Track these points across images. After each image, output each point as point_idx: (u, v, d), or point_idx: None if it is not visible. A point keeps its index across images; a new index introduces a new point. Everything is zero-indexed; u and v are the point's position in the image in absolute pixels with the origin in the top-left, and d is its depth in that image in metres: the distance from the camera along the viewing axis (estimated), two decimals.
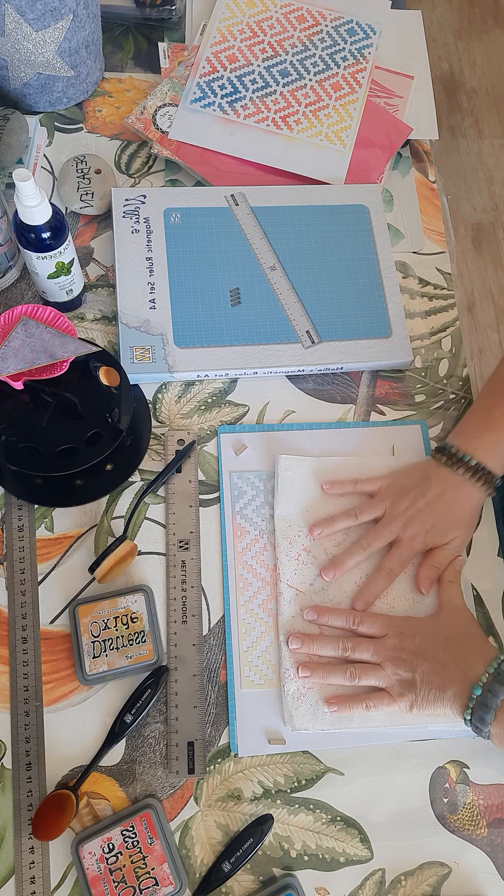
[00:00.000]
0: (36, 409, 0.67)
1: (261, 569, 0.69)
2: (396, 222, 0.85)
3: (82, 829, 0.61)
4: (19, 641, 0.66)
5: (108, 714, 0.64)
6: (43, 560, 0.69)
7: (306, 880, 0.61)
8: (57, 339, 0.66)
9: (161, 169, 0.86)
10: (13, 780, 0.62)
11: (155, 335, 0.75)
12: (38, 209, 0.64)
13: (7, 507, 0.70)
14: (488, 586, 0.71)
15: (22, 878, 0.59)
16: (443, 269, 0.84)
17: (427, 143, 0.90)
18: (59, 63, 0.81)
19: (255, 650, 0.67)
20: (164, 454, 0.73)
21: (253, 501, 0.72)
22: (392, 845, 0.62)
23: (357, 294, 0.79)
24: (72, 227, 0.82)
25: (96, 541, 0.70)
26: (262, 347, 0.76)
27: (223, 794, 0.63)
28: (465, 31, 2.14)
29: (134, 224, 0.80)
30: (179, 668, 0.65)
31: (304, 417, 0.76)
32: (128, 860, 0.59)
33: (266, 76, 0.88)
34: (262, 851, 0.62)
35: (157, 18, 0.91)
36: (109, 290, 0.79)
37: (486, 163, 1.98)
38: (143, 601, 0.66)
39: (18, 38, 0.76)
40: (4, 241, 0.72)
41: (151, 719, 0.64)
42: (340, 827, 0.63)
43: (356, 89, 0.89)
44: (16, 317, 0.66)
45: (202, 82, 0.87)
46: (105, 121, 0.87)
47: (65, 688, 0.65)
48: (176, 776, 0.63)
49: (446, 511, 0.68)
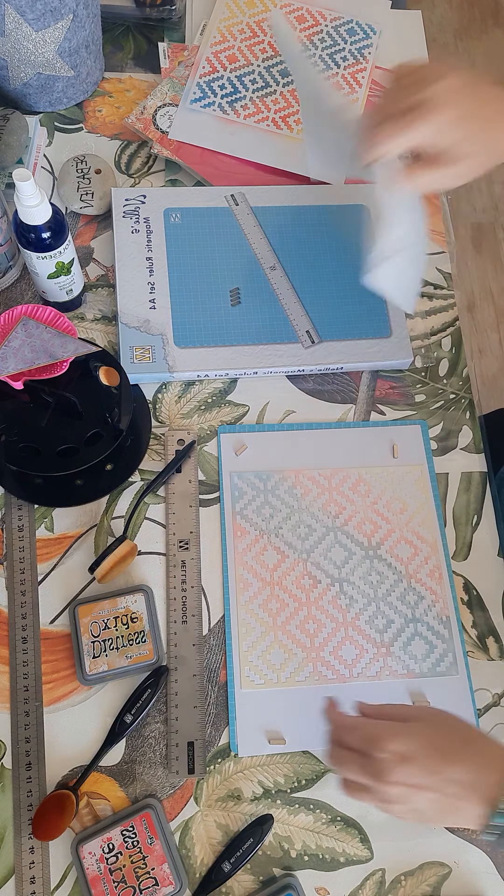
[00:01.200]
0: (36, 409, 0.67)
1: (261, 569, 0.69)
2: None
3: (82, 829, 0.61)
4: (19, 641, 0.66)
5: (108, 714, 0.64)
6: (43, 560, 0.69)
7: (306, 880, 0.61)
8: (57, 339, 0.66)
9: (161, 169, 0.86)
10: (13, 780, 0.62)
11: (155, 335, 0.75)
12: (38, 209, 0.64)
13: (7, 507, 0.70)
14: (488, 586, 0.71)
15: (22, 878, 0.59)
16: (443, 269, 0.84)
17: None
18: (59, 63, 0.81)
19: (255, 650, 0.67)
20: (164, 454, 0.73)
21: (253, 501, 0.72)
22: (392, 845, 0.62)
23: (357, 294, 0.79)
24: (72, 227, 0.82)
25: (96, 541, 0.70)
26: (262, 347, 0.76)
27: (223, 794, 0.63)
28: (465, 31, 2.14)
29: (134, 224, 0.80)
30: (179, 668, 0.65)
31: (304, 417, 0.76)
32: (128, 860, 0.59)
33: (266, 76, 0.88)
34: (262, 851, 0.62)
35: (157, 18, 0.91)
36: (109, 290, 0.79)
37: None
38: (143, 601, 0.66)
39: (18, 38, 0.76)
40: (4, 241, 0.72)
41: (151, 719, 0.64)
42: (340, 827, 0.63)
43: (356, 89, 0.89)
44: (16, 317, 0.66)
45: (202, 82, 0.87)
46: (105, 121, 0.87)
47: (65, 688, 0.65)
48: (176, 776, 0.63)
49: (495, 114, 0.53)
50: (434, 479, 0.74)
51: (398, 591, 0.70)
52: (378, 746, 0.52)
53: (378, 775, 0.51)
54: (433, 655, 0.68)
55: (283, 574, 0.70)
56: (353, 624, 0.68)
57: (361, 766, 0.52)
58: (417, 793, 0.51)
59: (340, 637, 0.68)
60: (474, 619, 0.70)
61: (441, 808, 0.51)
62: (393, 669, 0.67)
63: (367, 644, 0.68)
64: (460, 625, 0.69)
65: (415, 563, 0.71)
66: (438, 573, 0.71)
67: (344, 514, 0.72)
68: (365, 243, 0.64)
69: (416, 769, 0.51)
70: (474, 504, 0.74)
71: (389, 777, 0.51)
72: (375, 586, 0.70)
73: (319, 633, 0.68)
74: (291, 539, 0.71)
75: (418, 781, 0.51)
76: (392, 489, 0.73)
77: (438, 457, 0.76)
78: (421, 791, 0.51)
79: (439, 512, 0.73)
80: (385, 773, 0.51)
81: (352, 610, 0.69)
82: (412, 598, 0.70)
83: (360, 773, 0.52)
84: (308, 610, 0.69)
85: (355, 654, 0.68)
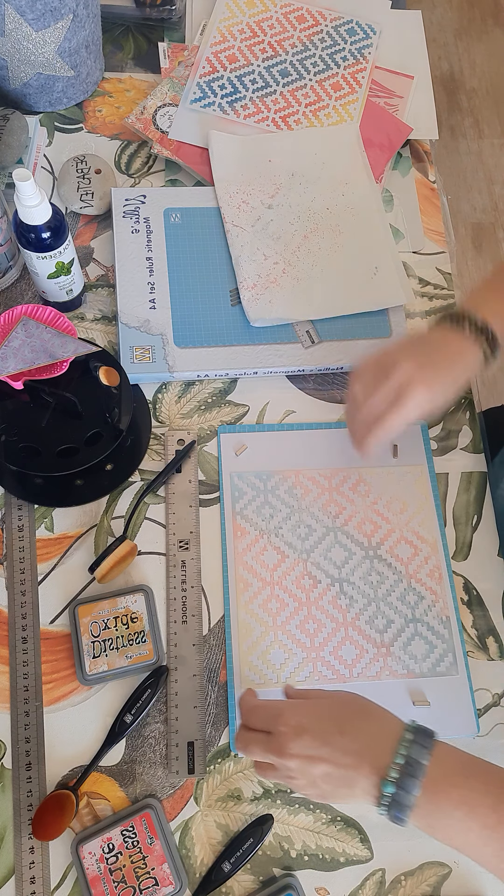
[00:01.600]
0: (36, 409, 0.67)
1: (261, 569, 0.69)
2: (396, 222, 0.85)
3: (82, 829, 0.61)
4: (19, 641, 0.66)
5: (108, 714, 0.64)
6: (43, 560, 0.69)
7: (306, 880, 0.61)
8: (57, 339, 0.66)
9: (161, 169, 0.86)
10: (13, 780, 0.62)
11: (155, 335, 0.75)
12: (38, 209, 0.64)
13: (7, 507, 0.70)
14: (488, 586, 0.71)
15: (22, 878, 0.59)
16: (443, 269, 0.84)
17: (427, 143, 0.90)
18: (59, 63, 0.81)
19: (255, 650, 0.67)
20: (164, 454, 0.73)
21: (253, 501, 0.72)
22: (392, 845, 0.62)
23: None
24: (72, 227, 0.82)
25: (96, 541, 0.70)
26: (262, 347, 0.76)
27: (223, 794, 0.63)
28: (465, 31, 2.14)
29: (134, 224, 0.80)
30: (179, 668, 0.65)
31: (304, 417, 0.76)
32: (128, 860, 0.59)
33: (266, 76, 0.88)
34: (262, 851, 0.62)
35: (157, 18, 0.91)
36: (109, 290, 0.79)
37: (486, 163, 1.98)
38: (143, 601, 0.66)
39: (18, 38, 0.76)
40: (4, 241, 0.72)
41: (151, 719, 0.64)
42: (340, 827, 0.63)
43: (356, 89, 0.89)
44: (16, 317, 0.66)
45: (202, 82, 0.87)
46: (105, 121, 0.87)
47: (65, 688, 0.65)
48: (176, 776, 0.63)
49: (449, 367, 0.63)
50: (434, 479, 0.74)
51: (398, 591, 0.70)
52: (278, 722, 0.53)
53: (278, 750, 0.53)
54: (433, 655, 0.68)
55: (283, 574, 0.70)
56: (353, 624, 0.68)
57: (264, 743, 0.54)
58: (314, 764, 0.52)
59: (340, 637, 0.68)
60: (474, 619, 0.70)
61: (336, 781, 0.52)
62: (393, 669, 0.67)
63: (367, 644, 0.68)
64: (460, 625, 0.69)
65: (415, 563, 0.71)
66: (438, 573, 0.71)
67: (344, 514, 0.72)
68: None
69: (311, 739, 0.52)
70: (474, 504, 0.74)
71: (289, 749, 0.52)
72: (375, 586, 0.70)
73: (319, 633, 0.68)
74: (291, 539, 0.71)
75: (313, 752, 0.52)
76: (392, 489, 0.73)
77: (438, 457, 0.76)
78: (316, 762, 0.52)
79: (439, 512, 0.73)
80: (284, 746, 0.52)
81: (352, 610, 0.69)
82: (412, 598, 0.70)
83: (264, 751, 0.54)
84: (308, 610, 0.69)
85: (355, 654, 0.68)
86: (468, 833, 0.49)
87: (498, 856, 0.49)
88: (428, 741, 0.52)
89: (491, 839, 0.49)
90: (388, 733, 0.52)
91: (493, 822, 0.49)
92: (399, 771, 0.50)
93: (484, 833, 0.49)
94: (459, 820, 0.49)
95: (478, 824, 0.49)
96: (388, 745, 0.51)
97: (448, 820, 0.49)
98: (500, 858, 0.49)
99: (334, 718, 0.53)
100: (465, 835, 0.49)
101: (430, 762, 0.50)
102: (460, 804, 0.49)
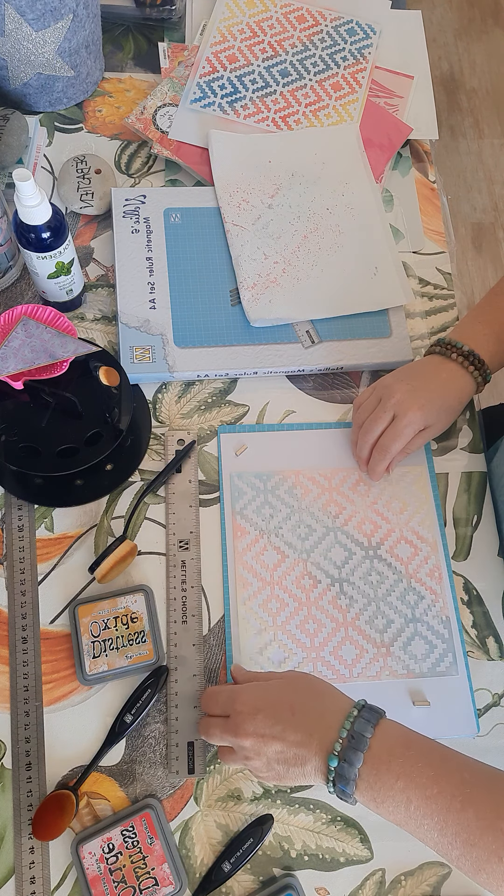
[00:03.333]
0: (36, 409, 0.67)
1: (261, 569, 0.69)
2: (396, 222, 0.85)
3: (82, 829, 0.61)
4: (19, 641, 0.66)
5: (108, 714, 0.64)
6: (43, 560, 0.69)
7: (306, 880, 0.61)
8: (57, 339, 0.66)
9: (161, 169, 0.86)
10: (13, 780, 0.62)
11: (155, 335, 0.75)
12: (38, 209, 0.64)
13: (7, 507, 0.70)
14: (488, 586, 0.71)
15: (22, 878, 0.59)
16: (443, 269, 0.84)
17: (427, 143, 0.90)
18: (59, 63, 0.81)
19: (254, 650, 0.67)
20: (164, 454, 0.73)
21: (253, 501, 0.72)
22: (392, 845, 0.62)
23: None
24: (72, 227, 0.82)
25: (96, 541, 0.70)
26: (262, 347, 0.76)
27: (223, 794, 0.63)
28: (465, 31, 2.14)
29: (134, 224, 0.80)
30: (179, 668, 0.65)
31: (304, 417, 0.76)
32: (128, 860, 0.59)
33: (266, 76, 0.88)
34: (262, 851, 0.62)
35: (157, 18, 0.91)
36: (109, 290, 0.79)
37: (486, 163, 1.98)
38: (143, 601, 0.66)
39: (18, 38, 0.76)
40: (4, 241, 0.72)
41: (151, 719, 0.64)
42: (340, 827, 0.63)
43: (356, 89, 0.89)
44: (16, 317, 0.66)
45: (202, 82, 0.87)
46: (105, 121, 0.87)
47: (65, 688, 0.65)
48: (176, 776, 0.63)
49: (440, 391, 0.69)
50: (434, 479, 0.74)
51: (398, 591, 0.70)
52: (235, 704, 0.56)
53: (234, 730, 0.55)
54: (433, 655, 0.68)
55: (283, 574, 0.70)
56: (352, 624, 0.68)
57: (223, 726, 0.56)
58: (267, 743, 0.53)
59: (340, 637, 0.68)
60: (474, 619, 0.70)
61: (289, 760, 0.53)
62: (393, 669, 0.67)
63: (367, 644, 0.68)
64: (460, 625, 0.69)
65: (415, 563, 0.71)
66: (438, 573, 0.71)
67: (344, 514, 0.72)
68: None
69: (264, 718, 0.54)
70: (474, 504, 0.74)
71: (244, 729, 0.54)
72: (375, 586, 0.70)
73: (319, 632, 0.68)
74: (291, 539, 0.71)
75: (267, 731, 0.54)
76: (392, 489, 0.73)
77: (438, 457, 0.76)
78: (269, 741, 0.53)
79: (439, 512, 0.73)
80: (239, 726, 0.54)
81: (352, 610, 0.69)
82: (412, 598, 0.70)
83: (222, 732, 0.56)
84: (308, 610, 0.69)
85: (355, 654, 0.68)
86: (409, 805, 0.50)
87: (439, 829, 0.49)
88: (373, 716, 0.53)
89: (431, 811, 0.49)
90: (336, 710, 0.54)
91: (433, 794, 0.49)
92: (342, 744, 0.52)
93: (423, 804, 0.49)
94: (400, 790, 0.50)
95: (417, 795, 0.50)
96: (336, 721, 0.53)
97: (389, 791, 0.50)
98: (441, 832, 0.49)
99: (287, 698, 0.55)
100: (406, 807, 0.50)
101: (372, 735, 0.52)
102: (401, 775, 0.50)
